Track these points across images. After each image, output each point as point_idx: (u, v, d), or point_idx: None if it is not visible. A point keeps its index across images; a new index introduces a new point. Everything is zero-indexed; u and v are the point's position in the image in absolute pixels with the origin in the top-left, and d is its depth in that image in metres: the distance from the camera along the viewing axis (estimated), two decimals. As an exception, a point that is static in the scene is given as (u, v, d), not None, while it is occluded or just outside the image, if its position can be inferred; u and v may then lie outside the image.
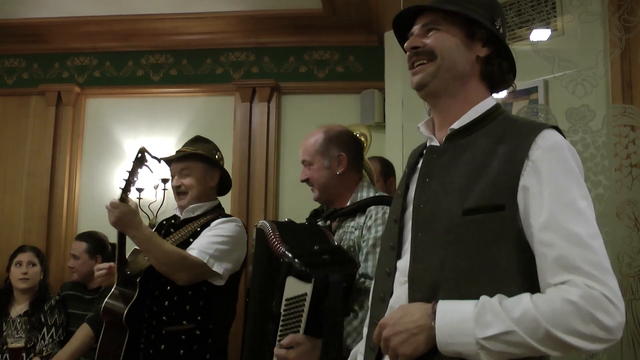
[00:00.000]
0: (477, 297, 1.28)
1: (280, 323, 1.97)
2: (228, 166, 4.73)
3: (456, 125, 1.51)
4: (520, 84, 3.07)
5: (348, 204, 2.32)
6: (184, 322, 2.60)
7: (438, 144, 1.56)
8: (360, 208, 2.25)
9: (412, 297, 1.42)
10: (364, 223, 2.19)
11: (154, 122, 5.06)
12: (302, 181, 2.40)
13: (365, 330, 1.68)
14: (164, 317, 2.59)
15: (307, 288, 1.89)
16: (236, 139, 4.90)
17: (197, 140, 2.97)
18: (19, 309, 3.66)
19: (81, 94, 5.18)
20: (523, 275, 1.30)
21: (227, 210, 4.62)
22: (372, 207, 2.21)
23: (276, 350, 1.97)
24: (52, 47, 5.24)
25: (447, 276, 1.36)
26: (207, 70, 5.06)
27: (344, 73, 4.88)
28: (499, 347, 1.22)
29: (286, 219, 2.36)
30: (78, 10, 4.75)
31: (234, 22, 4.84)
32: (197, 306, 2.61)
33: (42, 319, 3.59)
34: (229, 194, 4.68)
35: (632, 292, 2.53)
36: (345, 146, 2.37)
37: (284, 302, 1.97)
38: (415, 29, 1.58)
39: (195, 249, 2.58)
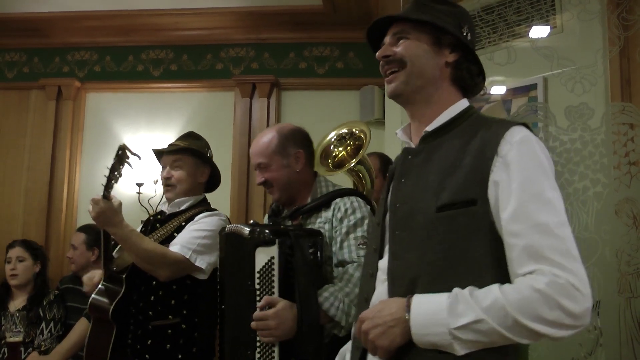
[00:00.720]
0: (452, 290, 1.32)
1: (257, 299, 2.00)
2: (228, 161, 4.77)
3: (430, 127, 1.56)
4: (519, 80, 3.09)
5: (308, 200, 2.33)
6: (170, 316, 2.60)
7: (414, 147, 1.62)
8: (325, 203, 2.27)
9: (392, 293, 1.47)
10: (333, 216, 2.22)
11: (153, 117, 5.07)
12: (260, 184, 2.40)
13: (353, 329, 1.70)
14: (150, 312, 2.59)
15: (273, 252, 1.97)
16: (236, 134, 4.90)
17: (190, 135, 2.97)
18: (17, 303, 3.66)
19: (81, 89, 5.19)
20: (496, 267, 1.34)
21: (227, 206, 4.70)
22: (338, 200, 2.25)
23: (254, 315, 1.99)
24: (53, 42, 5.25)
25: (424, 271, 1.41)
26: (207, 65, 5.07)
27: (344, 69, 4.88)
28: (471, 336, 1.26)
29: (251, 221, 2.32)
30: (79, 5, 4.76)
31: (234, 18, 4.85)
32: (182, 300, 2.61)
33: (41, 314, 3.59)
34: (228, 189, 4.74)
35: (631, 290, 2.53)
36: (300, 143, 2.37)
37: (256, 277, 2.01)
38: (387, 38, 1.64)
39: (178, 244, 2.58)
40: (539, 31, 3.04)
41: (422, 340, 1.31)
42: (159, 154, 2.93)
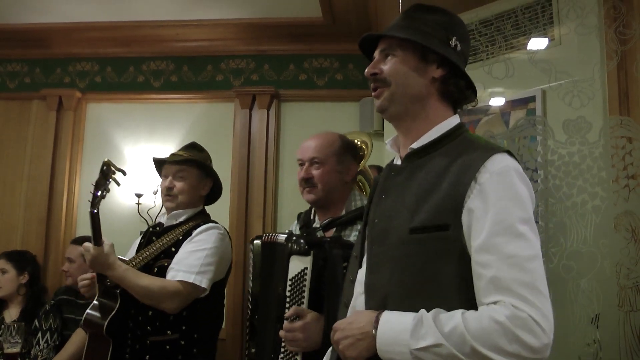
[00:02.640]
0: (419, 310, 1.35)
1: (286, 306, 2.02)
2: (227, 172, 4.78)
3: (415, 145, 1.58)
4: (518, 93, 3.09)
5: (342, 212, 2.32)
6: (168, 332, 2.59)
7: (400, 162, 1.64)
8: (360, 216, 2.20)
9: (368, 306, 1.53)
10: None
11: (154, 128, 5.07)
12: (302, 179, 2.37)
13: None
14: (148, 327, 2.58)
15: (307, 262, 1.98)
16: (235, 145, 4.91)
17: (193, 147, 2.96)
18: (12, 313, 3.66)
19: (82, 99, 5.20)
20: (464, 291, 1.37)
21: (226, 217, 4.69)
22: None
23: (284, 326, 2.02)
24: (54, 52, 5.27)
25: (394, 289, 1.46)
26: (208, 77, 5.08)
27: (344, 81, 4.89)
28: (430, 358, 1.29)
29: (287, 230, 2.35)
30: (80, 16, 4.77)
31: (234, 30, 4.86)
32: (181, 316, 2.60)
33: (37, 324, 3.59)
34: (228, 200, 4.74)
35: (630, 303, 2.53)
36: (357, 159, 2.40)
37: (288, 284, 2.03)
38: (376, 54, 1.65)
39: (181, 271, 2.57)
40: (536, 43, 3.05)
41: (385, 356, 1.36)
42: (159, 163, 2.92)
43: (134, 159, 4.93)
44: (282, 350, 2.04)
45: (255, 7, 4.54)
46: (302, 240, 2.05)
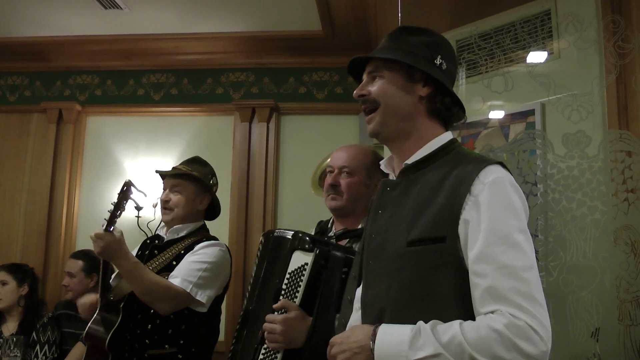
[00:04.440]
0: (416, 322, 1.36)
1: (280, 299, 2.02)
2: (227, 185, 4.78)
3: (410, 160, 1.60)
4: (517, 106, 3.10)
5: (360, 226, 2.31)
6: (166, 345, 2.59)
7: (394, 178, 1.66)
8: None
9: (365, 321, 1.55)
10: None
11: (154, 141, 5.08)
12: (329, 184, 2.39)
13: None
14: (146, 341, 2.58)
15: (309, 258, 1.99)
16: (235, 158, 4.91)
17: (195, 161, 2.97)
18: (10, 326, 3.65)
19: (82, 112, 5.21)
20: (461, 302, 1.38)
21: (226, 230, 4.69)
22: None
23: (267, 316, 2.02)
24: (55, 65, 5.28)
25: (391, 302, 1.47)
26: (208, 90, 5.09)
27: (343, 94, 4.89)
28: None
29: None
30: (81, 29, 4.80)
31: (234, 43, 4.88)
32: (180, 330, 2.60)
33: (35, 337, 3.58)
34: (227, 213, 4.74)
35: (630, 317, 2.52)
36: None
37: (286, 276, 2.04)
38: (364, 75, 1.68)
39: (179, 278, 2.57)
40: (536, 57, 3.07)
41: None
42: (163, 176, 2.93)
43: (134, 172, 4.93)
44: (265, 345, 2.02)
45: (255, 20, 4.56)
46: (307, 237, 2.06)
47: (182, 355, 2.60)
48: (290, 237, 2.12)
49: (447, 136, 1.63)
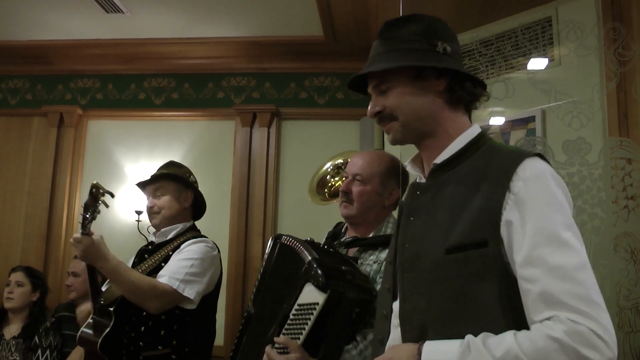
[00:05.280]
0: (464, 336, 1.25)
1: (285, 327, 1.95)
2: (227, 190, 4.78)
3: (438, 160, 1.48)
4: (517, 113, 3.10)
5: (371, 235, 2.26)
6: (160, 347, 2.59)
7: (424, 180, 1.54)
8: (385, 243, 2.14)
9: (405, 339, 1.43)
10: (385, 259, 2.03)
11: (154, 145, 5.08)
12: (342, 191, 2.32)
13: None
14: (140, 343, 2.58)
15: (320, 298, 1.86)
16: (236, 163, 4.91)
17: (170, 164, 2.99)
18: (12, 329, 3.66)
19: (83, 116, 5.21)
20: (510, 311, 1.27)
21: (226, 234, 4.69)
22: None
23: (267, 348, 1.94)
24: (56, 69, 5.29)
25: (434, 316, 1.35)
26: (209, 94, 5.09)
27: (344, 99, 4.89)
28: None
29: (308, 238, 2.26)
30: (82, 33, 4.80)
31: (236, 48, 4.89)
32: (172, 330, 2.60)
33: (37, 341, 3.58)
34: (228, 217, 4.74)
35: (630, 324, 2.52)
36: (401, 184, 2.29)
37: (295, 307, 1.94)
38: (370, 89, 1.56)
39: (165, 276, 2.58)
40: (536, 64, 3.07)
41: None
42: (144, 186, 2.94)
43: (135, 176, 4.93)
44: None
45: (256, 25, 4.57)
46: (321, 273, 1.90)
47: (175, 356, 2.61)
48: (306, 262, 1.99)
49: (475, 130, 1.50)
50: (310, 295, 1.89)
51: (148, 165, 4.94)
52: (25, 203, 5.10)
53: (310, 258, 1.98)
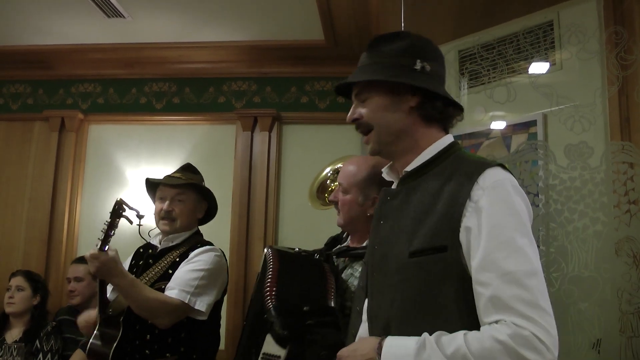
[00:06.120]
0: (422, 333, 1.34)
1: None
2: (228, 194, 4.78)
3: (408, 168, 1.57)
4: (519, 117, 3.10)
5: (364, 244, 2.20)
6: (167, 354, 2.57)
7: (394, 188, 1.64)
8: None
9: (371, 333, 1.52)
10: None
11: (155, 150, 5.08)
12: (330, 202, 2.34)
13: None
14: (147, 351, 2.56)
15: (281, 352, 1.84)
16: (237, 167, 4.91)
17: (188, 169, 2.95)
18: (14, 333, 3.66)
19: (84, 120, 5.21)
20: (466, 313, 1.35)
21: (227, 238, 4.68)
22: None
23: None
24: (57, 74, 5.29)
25: (396, 314, 1.45)
26: (210, 98, 5.09)
27: (345, 104, 4.78)
28: None
29: (296, 249, 2.28)
30: (83, 38, 4.81)
31: (237, 52, 4.89)
32: (179, 338, 2.59)
33: (38, 345, 3.58)
34: (229, 222, 4.73)
35: (632, 329, 2.51)
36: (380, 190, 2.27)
37: (260, 354, 1.91)
38: (353, 97, 1.67)
39: (176, 289, 2.56)
40: (538, 68, 3.07)
41: None
42: (153, 184, 2.91)
43: (136, 180, 4.93)
44: None
45: (257, 29, 4.57)
46: (280, 328, 1.85)
47: None
48: (266, 307, 1.92)
49: (446, 140, 1.59)
50: (272, 347, 1.87)
51: (149, 169, 4.94)
52: (27, 207, 5.10)
53: (271, 306, 1.92)
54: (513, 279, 1.28)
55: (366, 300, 1.60)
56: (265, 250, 2.27)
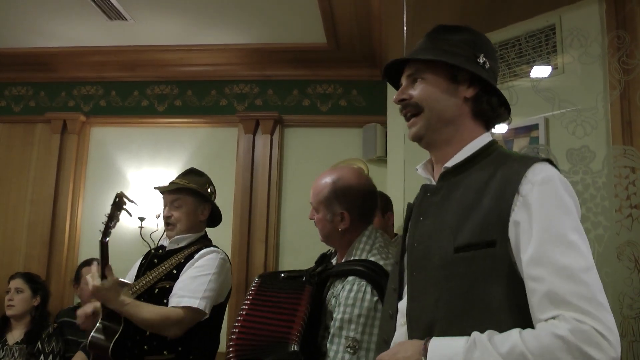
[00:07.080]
0: (469, 334, 1.27)
1: None
2: (230, 197, 4.78)
3: (449, 163, 1.52)
4: (520, 120, 3.10)
5: (343, 260, 2.18)
6: (165, 352, 2.59)
7: (434, 183, 1.57)
8: (344, 274, 2.06)
9: (411, 336, 1.45)
10: (339, 294, 2.01)
11: (157, 152, 5.08)
12: (310, 219, 2.29)
13: None
14: (145, 347, 2.58)
15: None
16: (239, 170, 4.91)
17: (191, 172, 2.98)
18: (15, 335, 3.66)
19: (86, 123, 5.22)
20: (516, 310, 1.29)
21: (228, 241, 4.68)
22: (350, 279, 2.01)
23: None
24: (59, 76, 5.30)
25: (441, 314, 1.38)
26: (212, 101, 5.10)
27: (347, 107, 4.89)
28: None
29: (282, 275, 2.22)
30: (85, 40, 4.81)
31: (239, 55, 4.89)
32: (179, 338, 2.61)
33: (40, 347, 3.58)
34: (230, 224, 4.73)
35: (634, 333, 2.51)
36: (350, 203, 2.17)
37: None
38: (403, 79, 1.60)
39: (185, 297, 2.58)
40: (540, 71, 3.07)
41: None
42: (160, 193, 2.95)
43: (137, 182, 4.93)
44: None
45: (259, 32, 4.58)
46: None
47: None
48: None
49: (486, 137, 1.54)
50: None
51: (150, 172, 4.95)
52: (28, 210, 5.10)
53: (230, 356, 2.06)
54: (569, 274, 1.22)
55: (401, 303, 1.56)
56: (256, 282, 2.26)
